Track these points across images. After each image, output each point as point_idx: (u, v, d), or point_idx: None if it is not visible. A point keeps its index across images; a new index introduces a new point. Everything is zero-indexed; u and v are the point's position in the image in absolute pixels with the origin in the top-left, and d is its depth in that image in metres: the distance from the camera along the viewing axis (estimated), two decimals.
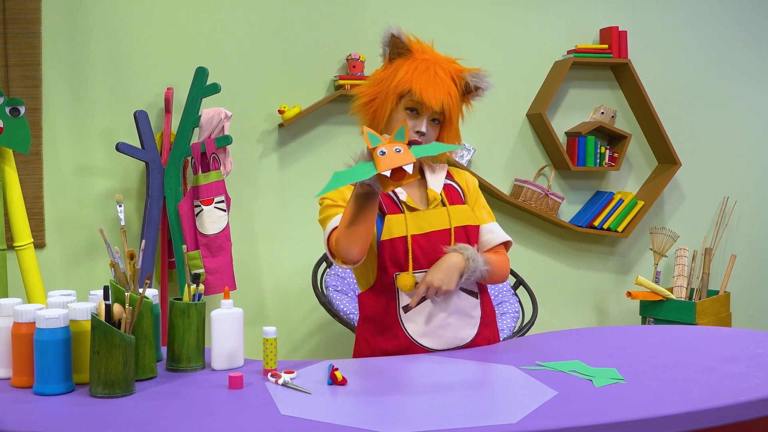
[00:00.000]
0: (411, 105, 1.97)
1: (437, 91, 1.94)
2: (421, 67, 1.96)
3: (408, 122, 1.95)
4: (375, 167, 1.65)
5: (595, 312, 4.33)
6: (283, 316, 3.85)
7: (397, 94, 1.97)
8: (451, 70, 1.99)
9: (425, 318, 1.99)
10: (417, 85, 1.94)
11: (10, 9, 3.42)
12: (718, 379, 1.68)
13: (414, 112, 1.98)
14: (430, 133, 1.99)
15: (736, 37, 4.43)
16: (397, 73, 1.97)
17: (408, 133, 1.77)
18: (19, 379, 1.60)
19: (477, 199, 2.14)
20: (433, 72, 1.95)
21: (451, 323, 2.00)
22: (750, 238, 4.54)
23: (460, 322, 2.02)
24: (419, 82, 1.94)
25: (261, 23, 3.76)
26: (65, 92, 3.56)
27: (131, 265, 1.67)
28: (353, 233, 1.83)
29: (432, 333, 1.99)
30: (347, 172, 1.68)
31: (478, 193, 2.16)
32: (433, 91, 1.93)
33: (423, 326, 1.99)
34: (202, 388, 1.61)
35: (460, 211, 2.05)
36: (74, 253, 3.60)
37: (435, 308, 1.99)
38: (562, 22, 4.16)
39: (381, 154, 1.66)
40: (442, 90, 1.94)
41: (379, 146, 1.68)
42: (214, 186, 3.47)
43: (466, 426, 1.38)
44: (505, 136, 4.11)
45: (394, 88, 1.97)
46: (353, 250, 1.86)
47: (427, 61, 1.98)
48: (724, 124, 4.45)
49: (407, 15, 3.91)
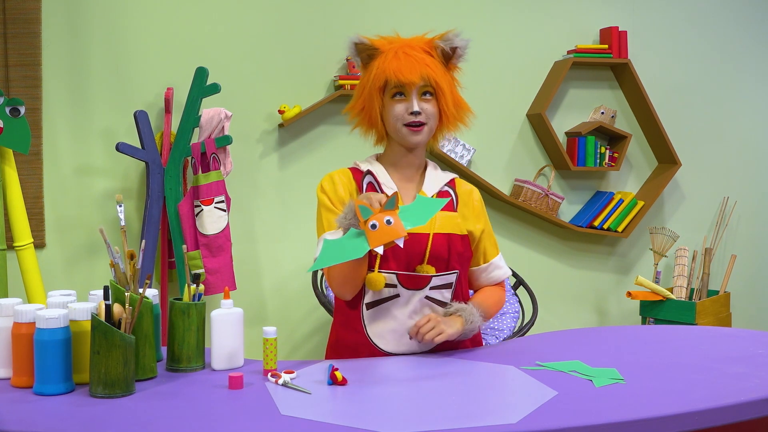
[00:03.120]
0: (394, 90, 1.95)
1: (412, 65, 1.92)
2: (389, 55, 1.95)
3: (399, 108, 1.94)
4: (366, 242, 1.73)
5: (595, 312, 4.33)
6: (283, 316, 3.85)
7: (378, 90, 1.96)
8: (420, 44, 1.98)
9: (385, 320, 1.95)
10: (390, 71, 1.93)
11: (10, 9, 3.42)
12: (718, 379, 1.68)
13: (400, 95, 1.95)
14: (428, 109, 1.95)
15: (736, 37, 4.43)
16: (371, 72, 1.97)
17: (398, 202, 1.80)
18: (19, 379, 1.60)
19: (483, 222, 2.08)
20: (403, 53, 1.94)
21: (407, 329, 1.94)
22: (750, 238, 4.54)
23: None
24: (391, 67, 1.93)
25: (261, 23, 3.76)
26: (65, 92, 3.56)
27: (131, 265, 1.67)
28: (344, 281, 1.92)
29: (386, 335, 1.95)
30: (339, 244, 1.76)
31: (484, 215, 2.10)
32: (406, 68, 1.92)
33: (380, 327, 1.95)
34: (202, 388, 1.61)
35: (447, 218, 1.99)
36: (74, 253, 3.60)
37: (398, 312, 1.95)
38: (562, 22, 4.16)
39: (372, 228, 1.73)
40: (417, 63, 1.93)
41: (369, 219, 1.74)
42: (214, 186, 3.47)
43: (466, 426, 1.38)
44: (505, 136, 4.11)
45: (373, 84, 1.96)
46: (346, 294, 1.96)
47: (393, 48, 1.96)
48: (724, 124, 4.45)
49: (407, 15, 3.91)
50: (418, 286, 1.95)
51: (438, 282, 1.96)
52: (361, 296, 1.97)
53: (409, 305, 1.95)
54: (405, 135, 1.96)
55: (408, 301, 1.95)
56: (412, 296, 1.95)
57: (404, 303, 1.95)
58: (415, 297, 1.95)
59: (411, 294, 1.95)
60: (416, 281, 1.94)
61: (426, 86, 1.95)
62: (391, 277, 1.93)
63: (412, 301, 1.95)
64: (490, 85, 4.06)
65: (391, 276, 1.93)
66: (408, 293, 1.94)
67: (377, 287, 1.89)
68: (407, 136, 1.96)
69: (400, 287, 1.94)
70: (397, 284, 1.94)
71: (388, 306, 1.95)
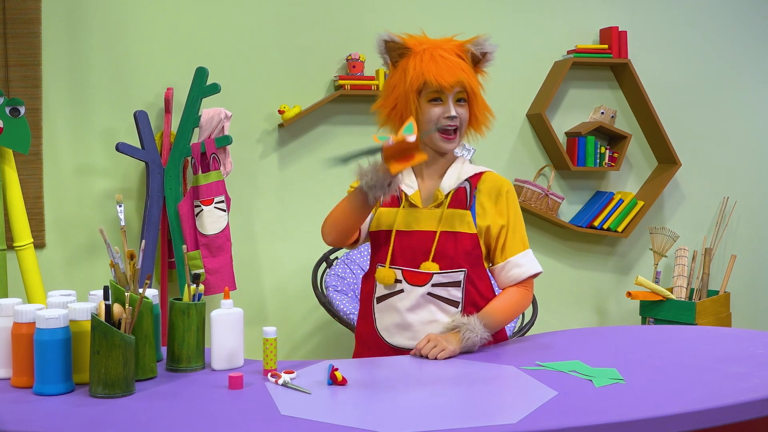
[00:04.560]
0: (432, 96, 1.97)
1: (450, 71, 1.94)
2: (425, 57, 1.96)
3: (435, 112, 1.97)
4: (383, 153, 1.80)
5: (595, 312, 4.33)
6: (283, 316, 3.85)
7: (415, 92, 1.97)
8: (452, 47, 1.99)
9: (390, 313, 2.00)
10: (430, 74, 1.94)
11: (10, 9, 3.42)
12: (718, 379, 1.68)
13: (437, 100, 1.98)
14: (462, 114, 1.99)
15: (736, 37, 4.43)
16: (407, 72, 1.98)
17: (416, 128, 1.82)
18: (19, 379, 1.60)
19: (506, 218, 2.02)
20: (439, 56, 1.96)
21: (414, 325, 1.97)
22: (750, 238, 4.54)
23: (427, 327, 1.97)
24: (431, 71, 1.94)
25: (261, 23, 3.76)
26: (65, 92, 3.56)
27: (131, 265, 1.67)
28: (334, 222, 1.99)
29: (391, 329, 2.00)
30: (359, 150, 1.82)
31: (512, 211, 2.03)
32: (446, 72, 1.94)
33: (386, 320, 2.01)
34: (202, 388, 1.61)
35: (456, 215, 1.99)
36: (74, 253, 3.60)
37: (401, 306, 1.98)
38: (562, 22, 4.16)
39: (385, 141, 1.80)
40: (455, 68, 1.95)
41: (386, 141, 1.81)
42: (214, 186, 3.47)
43: (466, 426, 1.38)
44: (505, 136, 4.11)
45: (410, 86, 1.97)
46: (327, 237, 2.03)
47: (428, 49, 1.98)
48: (724, 124, 4.45)
49: (407, 15, 3.91)
50: (420, 282, 1.97)
51: (442, 279, 1.97)
52: (374, 291, 2.04)
53: (411, 300, 1.98)
54: (437, 141, 2.00)
55: (409, 296, 1.98)
56: (414, 292, 1.97)
57: (406, 298, 1.98)
58: (417, 293, 1.97)
59: (413, 289, 1.97)
60: (419, 278, 1.97)
61: (461, 92, 1.98)
62: (398, 272, 1.98)
63: (413, 296, 1.98)
64: (490, 85, 4.03)
65: (398, 272, 1.98)
66: (410, 288, 1.98)
67: (387, 282, 1.98)
68: (439, 143, 2.00)
69: (404, 282, 1.98)
70: (402, 279, 1.98)
71: (394, 300, 2.00)
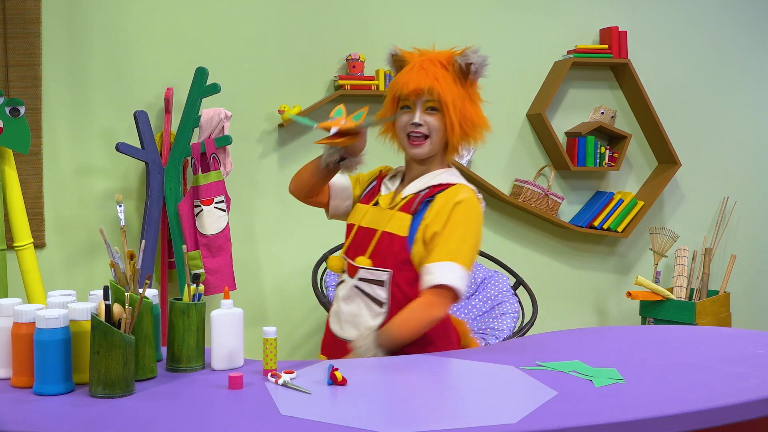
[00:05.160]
0: (404, 103, 2.04)
1: (420, 78, 1.98)
2: (413, 68, 2.02)
3: (404, 119, 2.04)
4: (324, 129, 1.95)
5: (595, 312, 4.33)
6: (283, 316, 3.85)
7: (392, 100, 2.07)
8: (440, 58, 2.02)
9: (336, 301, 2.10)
10: (401, 81, 2.01)
11: (10, 9, 3.42)
12: (718, 379, 1.68)
13: (408, 108, 2.03)
14: (431, 122, 2.01)
15: (736, 37, 4.43)
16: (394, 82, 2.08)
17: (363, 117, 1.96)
18: (19, 379, 1.60)
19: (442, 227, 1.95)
20: (419, 66, 2.01)
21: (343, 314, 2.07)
22: (750, 238, 4.54)
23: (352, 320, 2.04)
24: (404, 79, 2.01)
25: (261, 23, 3.76)
26: (65, 92, 3.56)
27: (131, 265, 1.67)
28: (297, 175, 2.16)
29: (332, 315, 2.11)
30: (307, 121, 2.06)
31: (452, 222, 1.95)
32: (412, 81, 1.99)
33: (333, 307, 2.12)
34: (202, 389, 1.61)
35: (397, 217, 2.00)
36: (74, 253, 3.60)
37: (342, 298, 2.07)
38: (562, 22, 4.16)
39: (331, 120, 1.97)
40: (426, 77, 1.98)
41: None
42: (214, 186, 3.47)
43: (466, 426, 1.38)
44: (505, 136, 4.11)
45: (391, 96, 2.07)
46: (289, 186, 2.19)
47: (418, 61, 2.03)
48: (724, 124, 4.45)
49: (407, 16, 3.91)
50: (352, 274, 2.06)
51: (367, 275, 2.02)
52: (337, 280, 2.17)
53: (345, 290, 2.07)
54: (406, 147, 2.06)
55: (345, 286, 2.08)
56: (348, 282, 2.07)
57: (343, 288, 2.08)
58: (349, 284, 2.06)
59: (348, 280, 2.07)
60: (352, 270, 2.06)
61: (431, 101, 2.00)
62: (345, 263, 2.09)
63: (346, 287, 2.07)
64: (489, 85, 4.02)
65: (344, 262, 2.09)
66: (347, 279, 2.08)
67: (333, 269, 2.09)
68: (407, 149, 2.06)
69: (345, 273, 2.09)
70: (345, 269, 2.09)
71: (339, 288, 2.12)
